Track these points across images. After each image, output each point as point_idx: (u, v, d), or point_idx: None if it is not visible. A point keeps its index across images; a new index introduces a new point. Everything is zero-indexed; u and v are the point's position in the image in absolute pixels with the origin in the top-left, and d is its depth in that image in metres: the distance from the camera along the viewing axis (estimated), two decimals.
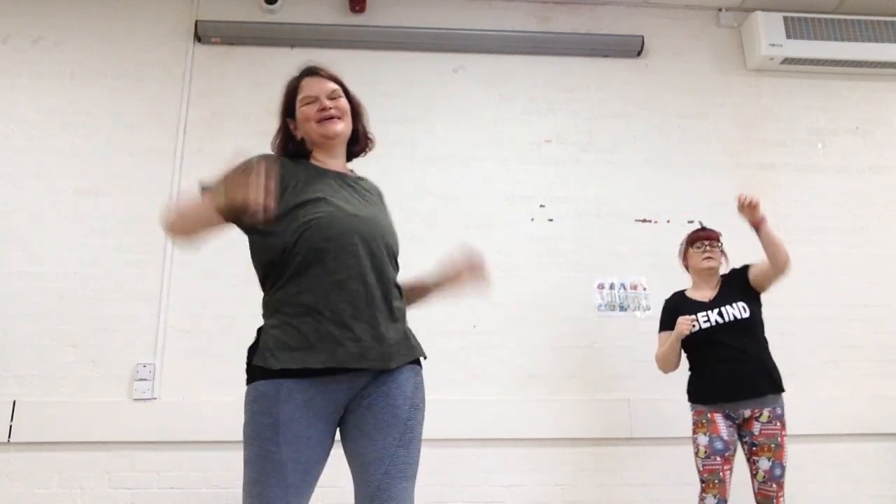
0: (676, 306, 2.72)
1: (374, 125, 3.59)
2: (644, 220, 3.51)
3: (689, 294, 2.76)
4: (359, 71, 3.61)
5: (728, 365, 2.55)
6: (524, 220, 3.46)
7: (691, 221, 3.46)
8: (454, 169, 3.51)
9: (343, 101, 1.73)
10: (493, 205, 3.47)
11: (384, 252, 1.59)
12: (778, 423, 2.52)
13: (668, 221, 3.49)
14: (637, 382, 3.24)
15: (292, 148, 1.73)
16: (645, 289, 3.38)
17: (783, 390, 2.57)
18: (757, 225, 2.53)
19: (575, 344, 3.29)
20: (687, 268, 2.83)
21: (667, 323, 2.73)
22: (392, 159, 3.48)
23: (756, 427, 2.51)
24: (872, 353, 3.39)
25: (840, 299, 3.46)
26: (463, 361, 3.21)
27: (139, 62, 3.54)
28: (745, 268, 2.73)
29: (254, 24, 3.60)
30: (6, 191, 3.28)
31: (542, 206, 3.49)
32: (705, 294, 2.71)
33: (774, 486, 2.46)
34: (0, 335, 3.08)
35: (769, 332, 3.36)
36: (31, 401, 2.98)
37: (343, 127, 1.71)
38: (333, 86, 1.73)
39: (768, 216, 3.53)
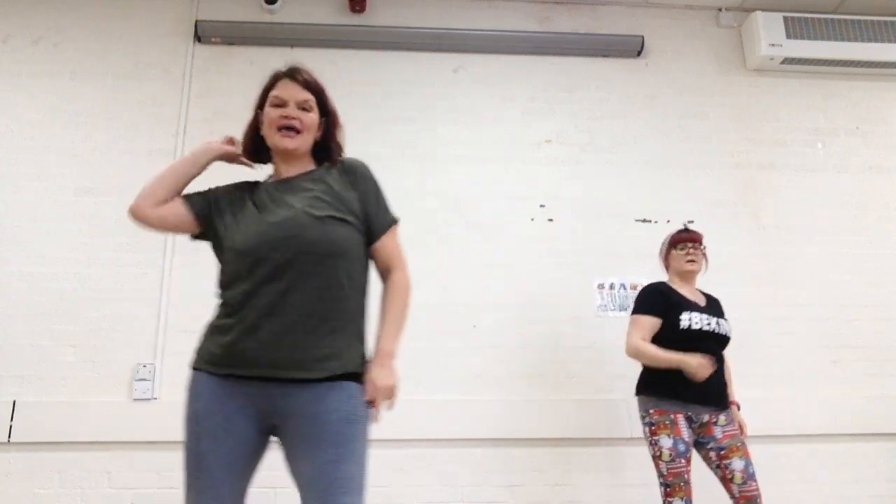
0: (670, 296, 2.63)
1: (374, 125, 3.63)
2: (644, 220, 3.51)
3: (679, 290, 2.67)
4: (359, 71, 3.61)
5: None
6: (524, 220, 3.46)
7: (691, 221, 3.45)
8: (454, 169, 3.51)
9: (310, 116, 1.67)
10: (493, 205, 3.47)
11: (308, 257, 1.50)
12: (734, 424, 2.53)
13: (668, 221, 3.49)
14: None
15: (253, 146, 1.74)
16: None
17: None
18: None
19: (575, 344, 3.29)
20: (667, 268, 2.80)
21: (659, 307, 2.59)
22: (392, 159, 3.48)
23: (717, 431, 2.49)
24: (872, 353, 3.39)
25: (840, 299, 3.46)
26: (463, 361, 3.21)
27: (139, 62, 3.54)
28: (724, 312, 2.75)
29: (254, 24, 3.60)
30: (6, 191, 3.28)
31: (542, 206, 3.49)
32: (694, 297, 2.68)
33: (753, 484, 2.42)
34: (0, 335, 3.08)
35: (769, 332, 3.38)
36: (31, 401, 2.98)
37: (298, 143, 1.65)
38: (307, 95, 1.67)
39: (768, 216, 3.58)
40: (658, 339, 2.59)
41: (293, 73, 1.70)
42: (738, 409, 2.65)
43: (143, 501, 2.92)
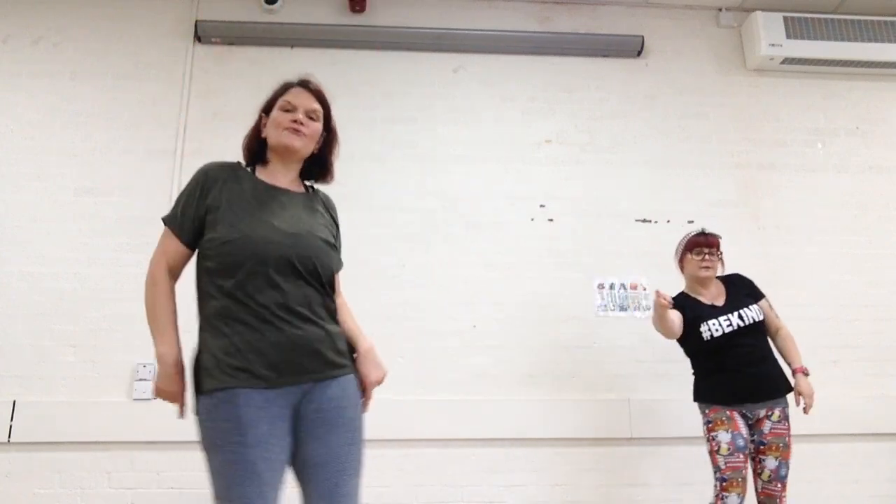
0: (688, 307, 2.63)
1: (374, 125, 3.63)
2: (644, 220, 3.51)
3: (696, 297, 2.67)
4: (359, 71, 3.61)
5: (750, 367, 2.53)
6: (524, 220, 3.46)
7: (691, 221, 3.46)
8: (454, 169, 3.51)
9: (316, 126, 1.75)
10: (493, 205, 3.47)
11: (311, 270, 1.62)
12: (786, 423, 2.53)
13: (668, 221, 3.50)
14: (637, 382, 3.24)
15: (255, 146, 1.78)
16: (645, 289, 3.38)
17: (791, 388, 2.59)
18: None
19: (575, 344, 3.29)
20: (682, 269, 2.78)
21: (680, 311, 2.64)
22: (392, 159, 3.48)
23: (767, 426, 2.51)
24: (872, 353, 3.39)
25: (840, 299, 3.46)
26: (463, 361, 3.21)
27: (139, 62, 3.54)
28: (753, 285, 2.74)
29: (254, 24, 3.60)
30: (6, 191, 3.28)
31: (542, 206, 3.49)
32: (713, 297, 2.66)
33: (779, 485, 2.46)
34: (0, 335, 3.08)
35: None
36: (31, 401, 2.98)
37: (301, 146, 1.72)
38: (317, 107, 1.75)
39: (768, 216, 3.57)
40: (689, 352, 2.68)
41: (305, 83, 1.78)
42: (806, 374, 2.58)
43: (143, 501, 2.92)
